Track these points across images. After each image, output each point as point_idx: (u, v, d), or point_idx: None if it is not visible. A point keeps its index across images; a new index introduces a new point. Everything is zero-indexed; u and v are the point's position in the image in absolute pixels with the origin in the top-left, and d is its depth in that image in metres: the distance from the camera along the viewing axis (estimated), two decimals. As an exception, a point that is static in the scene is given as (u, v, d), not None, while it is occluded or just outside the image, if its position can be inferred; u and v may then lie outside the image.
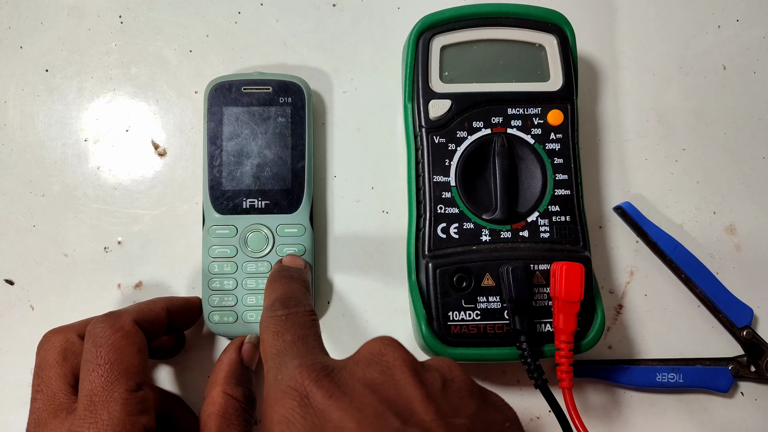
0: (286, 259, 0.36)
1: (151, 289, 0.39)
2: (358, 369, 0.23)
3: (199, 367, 0.38)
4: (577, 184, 0.36)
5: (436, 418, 0.21)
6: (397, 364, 0.23)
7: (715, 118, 0.42)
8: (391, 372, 0.23)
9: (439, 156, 0.35)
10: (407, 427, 0.20)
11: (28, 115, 0.41)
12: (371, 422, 0.20)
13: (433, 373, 0.23)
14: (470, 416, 0.22)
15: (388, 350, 0.23)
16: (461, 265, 0.34)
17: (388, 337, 0.24)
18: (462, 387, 0.23)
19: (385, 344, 0.24)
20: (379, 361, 0.23)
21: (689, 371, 0.38)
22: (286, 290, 0.30)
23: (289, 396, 0.22)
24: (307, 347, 0.26)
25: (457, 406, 0.22)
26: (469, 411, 0.22)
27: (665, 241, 0.39)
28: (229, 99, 0.37)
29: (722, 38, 0.42)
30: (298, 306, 0.28)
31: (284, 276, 0.32)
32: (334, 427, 0.20)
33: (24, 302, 0.39)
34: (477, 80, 0.36)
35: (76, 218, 0.40)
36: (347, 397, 0.21)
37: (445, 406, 0.22)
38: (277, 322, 0.27)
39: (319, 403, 0.21)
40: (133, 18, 0.41)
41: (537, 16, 0.36)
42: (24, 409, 0.30)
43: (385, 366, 0.23)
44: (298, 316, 0.28)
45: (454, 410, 0.22)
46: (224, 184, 0.37)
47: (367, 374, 0.23)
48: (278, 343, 0.26)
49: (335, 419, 0.21)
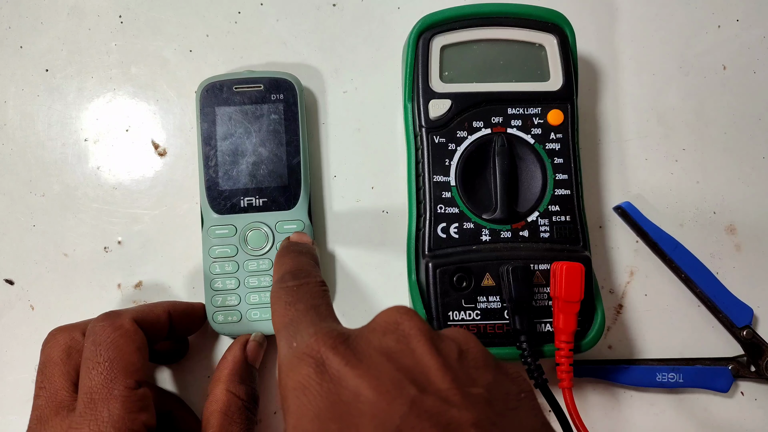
0: (293, 236, 0.35)
1: (151, 289, 0.39)
2: (374, 337, 0.23)
3: (202, 368, 0.38)
4: (577, 184, 0.36)
5: (453, 386, 0.21)
6: (413, 333, 0.23)
7: (715, 118, 0.42)
8: (408, 340, 0.22)
9: (439, 156, 0.35)
10: (424, 395, 0.20)
11: (28, 115, 0.41)
12: (388, 390, 0.20)
13: (449, 342, 0.23)
14: (487, 386, 0.22)
15: (404, 319, 0.23)
16: (461, 265, 0.34)
17: (403, 306, 0.24)
18: (478, 357, 0.23)
19: (400, 313, 0.24)
20: (395, 329, 0.23)
21: (689, 371, 0.38)
22: (295, 263, 0.30)
23: (305, 363, 0.22)
24: (320, 316, 0.25)
25: (473, 375, 0.22)
26: (486, 381, 0.22)
27: (665, 241, 0.39)
28: (221, 99, 0.37)
29: (722, 38, 0.42)
30: (309, 277, 0.28)
31: (293, 250, 0.32)
32: (350, 394, 0.20)
33: (24, 302, 0.39)
34: (477, 80, 0.36)
35: (76, 218, 0.40)
36: (364, 364, 0.21)
37: (462, 375, 0.22)
38: (288, 292, 0.27)
39: (335, 369, 0.21)
40: (133, 18, 0.41)
41: (537, 16, 0.36)
42: (24, 409, 0.30)
43: (401, 334, 0.23)
44: (310, 286, 0.27)
45: (471, 380, 0.22)
46: (221, 184, 0.37)
47: (383, 342, 0.23)
48: (291, 312, 0.26)
49: (352, 386, 0.21)
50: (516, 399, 0.22)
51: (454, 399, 0.20)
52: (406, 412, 0.19)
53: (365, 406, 0.20)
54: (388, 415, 0.19)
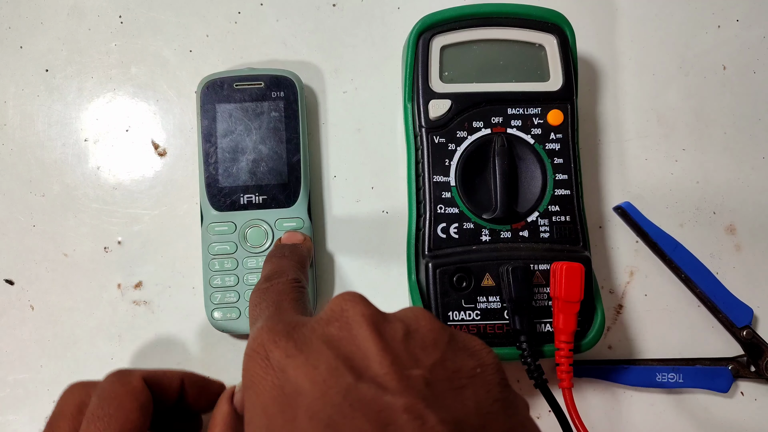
0: (284, 236, 0.35)
1: (151, 289, 0.39)
2: (318, 326, 0.23)
3: (201, 370, 0.38)
4: (577, 184, 0.36)
5: (390, 371, 0.20)
6: (356, 318, 0.22)
7: (715, 118, 0.42)
8: (350, 327, 0.22)
9: (439, 156, 0.35)
10: (359, 382, 0.20)
11: (28, 115, 0.41)
12: (324, 379, 0.20)
13: (395, 324, 0.23)
14: (431, 366, 0.21)
15: (349, 306, 0.23)
16: (461, 265, 0.34)
17: (350, 293, 0.24)
18: (426, 336, 0.22)
19: (346, 300, 0.23)
20: (339, 317, 0.23)
21: (689, 371, 0.38)
22: (273, 267, 0.30)
23: (252, 358, 0.22)
24: (278, 310, 0.25)
25: (417, 356, 0.21)
26: (431, 360, 0.21)
27: (665, 241, 0.39)
28: (221, 96, 0.37)
29: (722, 38, 0.42)
30: (281, 277, 0.28)
31: (275, 255, 0.32)
32: (291, 386, 0.20)
33: (24, 302, 0.39)
34: (477, 80, 0.36)
35: (76, 218, 0.40)
36: (303, 354, 0.21)
37: (404, 356, 0.21)
38: (257, 294, 0.27)
39: (278, 361, 0.21)
40: (133, 18, 0.41)
41: (537, 16, 0.36)
42: (24, 409, 0.30)
43: (344, 321, 0.22)
44: (278, 286, 0.27)
45: (414, 361, 0.21)
46: (221, 181, 0.37)
47: (327, 331, 0.22)
48: (255, 312, 0.26)
49: (292, 377, 0.20)
50: (468, 376, 0.21)
51: (389, 384, 0.20)
52: (340, 401, 0.19)
53: (302, 398, 0.20)
54: (321, 406, 0.19)
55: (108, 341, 0.39)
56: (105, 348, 0.39)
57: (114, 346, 0.39)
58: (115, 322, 0.39)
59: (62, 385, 0.29)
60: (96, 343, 0.39)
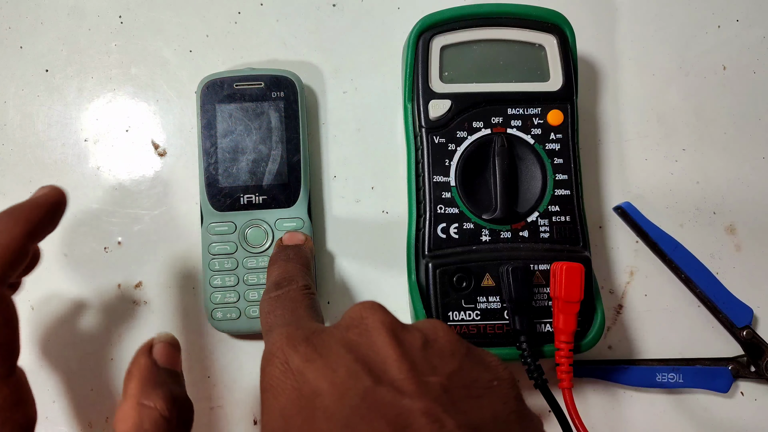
0: (285, 237, 0.35)
1: (151, 289, 0.39)
2: (337, 332, 0.23)
3: (201, 368, 0.38)
4: (577, 184, 0.36)
5: (409, 376, 0.20)
6: (376, 325, 0.23)
7: (715, 118, 0.42)
8: (369, 333, 0.22)
9: (439, 156, 0.35)
10: (378, 386, 0.20)
11: (28, 115, 0.41)
12: (343, 381, 0.20)
13: (414, 333, 0.23)
14: (448, 374, 0.21)
15: (368, 313, 0.23)
16: (461, 265, 0.34)
17: (370, 302, 0.24)
18: (444, 346, 0.23)
19: (366, 308, 0.24)
20: (359, 324, 0.23)
21: (689, 371, 0.38)
22: (281, 272, 0.30)
23: (271, 363, 0.22)
24: (295, 316, 0.26)
25: (435, 364, 0.22)
26: (448, 369, 0.22)
27: (665, 241, 0.39)
28: (221, 96, 0.37)
29: (722, 38, 0.42)
30: (291, 284, 0.28)
31: (280, 258, 0.32)
32: (310, 389, 0.21)
33: (24, 302, 0.39)
34: (477, 80, 0.36)
35: (75, 218, 0.40)
36: (323, 359, 0.21)
37: (422, 364, 0.21)
38: (270, 302, 0.27)
39: (297, 366, 0.21)
40: (133, 18, 0.41)
41: (537, 16, 0.36)
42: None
43: (363, 328, 0.23)
44: (290, 293, 0.28)
45: (432, 369, 0.21)
46: (221, 181, 0.37)
47: (346, 336, 0.23)
48: (270, 319, 0.26)
49: (311, 380, 0.21)
50: (484, 387, 0.22)
51: (407, 388, 0.20)
52: (358, 403, 0.19)
53: (320, 399, 0.20)
54: (339, 407, 0.19)
55: (108, 341, 0.39)
56: (105, 348, 0.39)
57: (114, 346, 0.39)
58: (115, 322, 0.39)
59: (62, 385, 0.29)
60: (96, 344, 0.39)
